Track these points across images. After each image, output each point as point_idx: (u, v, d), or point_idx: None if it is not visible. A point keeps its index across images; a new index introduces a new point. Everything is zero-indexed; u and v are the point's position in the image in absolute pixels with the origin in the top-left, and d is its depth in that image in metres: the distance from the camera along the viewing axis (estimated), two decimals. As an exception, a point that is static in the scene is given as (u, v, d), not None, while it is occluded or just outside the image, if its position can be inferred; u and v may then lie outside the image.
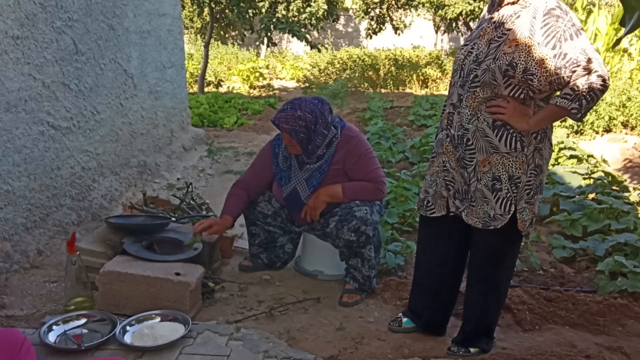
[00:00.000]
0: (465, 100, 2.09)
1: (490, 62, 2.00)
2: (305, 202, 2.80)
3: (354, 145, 2.77)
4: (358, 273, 2.79)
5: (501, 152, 2.07)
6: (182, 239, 2.87)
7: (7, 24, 2.87)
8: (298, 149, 2.73)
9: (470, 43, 2.14)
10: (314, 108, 2.69)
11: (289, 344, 2.37)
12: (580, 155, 5.33)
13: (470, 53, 2.11)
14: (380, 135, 6.21)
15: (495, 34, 2.04)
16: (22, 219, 3.06)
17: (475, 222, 2.16)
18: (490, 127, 2.06)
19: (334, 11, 11.32)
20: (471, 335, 2.35)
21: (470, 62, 2.08)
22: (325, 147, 2.76)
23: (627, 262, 3.00)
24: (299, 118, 2.65)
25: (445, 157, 2.22)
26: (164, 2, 4.95)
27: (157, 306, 2.48)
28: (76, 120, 3.55)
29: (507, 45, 1.98)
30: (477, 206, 2.14)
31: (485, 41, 2.06)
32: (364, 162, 2.77)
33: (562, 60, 1.90)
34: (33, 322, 2.49)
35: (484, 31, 2.09)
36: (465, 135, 2.11)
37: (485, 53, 2.03)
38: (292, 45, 16.72)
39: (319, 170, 2.78)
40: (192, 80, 11.17)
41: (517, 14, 2.01)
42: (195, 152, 5.61)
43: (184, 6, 12.21)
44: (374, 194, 2.77)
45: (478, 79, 2.04)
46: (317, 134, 2.70)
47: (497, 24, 2.06)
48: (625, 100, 6.93)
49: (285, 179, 2.85)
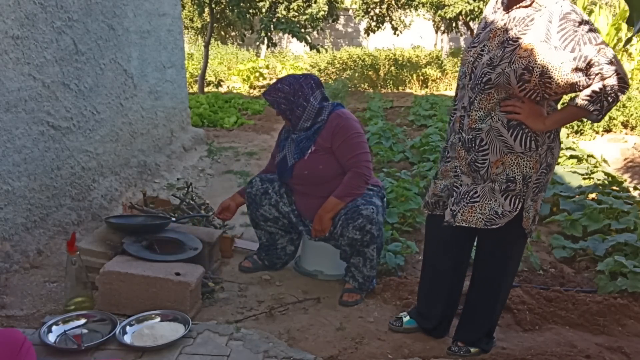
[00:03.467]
0: (478, 102, 2.08)
1: (505, 65, 1.99)
2: (291, 165, 2.87)
3: (342, 126, 2.79)
4: (359, 272, 2.79)
5: (516, 152, 2.06)
6: (182, 239, 2.87)
7: (7, 24, 2.87)
8: (287, 120, 2.89)
9: (479, 45, 2.11)
10: (293, 81, 2.84)
11: (289, 344, 2.37)
12: (580, 155, 5.33)
13: (481, 55, 2.08)
14: (380, 135, 6.21)
15: (508, 37, 2.01)
16: (22, 219, 3.06)
17: (478, 219, 2.12)
18: (505, 127, 2.05)
19: (334, 11, 11.33)
20: (472, 335, 2.35)
21: (484, 65, 2.05)
22: (310, 120, 2.83)
23: (627, 262, 3.00)
24: (278, 90, 2.82)
25: (457, 162, 2.20)
26: (164, 2, 4.95)
27: (157, 306, 2.48)
28: (76, 120, 3.55)
29: (523, 49, 1.96)
30: (482, 202, 2.11)
31: (496, 43, 2.04)
32: (349, 144, 2.78)
33: (583, 63, 1.89)
34: (33, 322, 2.49)
35: (493, 33, 2.06)
36: (479, 136, 2.09)
37: (500, 57, 2.01)
38: (292, 45, 16.72)
39: (305, 140, 2.84)
40: (192, 80, 11.17)
41: (531, 17, 1.99)
42: (195, 152, 5.61)
43: (184, 6, 12.22)
44: (359, 180, 2.76)
45: (492, 82, 2.03)
46: (296, 105, 2.81)
47: (508, 26, 2.03)
48: (625, 100, 6.93)
49: (281, 147, 3.00)
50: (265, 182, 3.01)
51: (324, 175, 2.81)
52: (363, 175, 2.76)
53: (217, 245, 3.12)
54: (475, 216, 2.12)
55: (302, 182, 2.87)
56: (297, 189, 2.94)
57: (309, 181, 2.85)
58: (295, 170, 2.86)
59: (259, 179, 3.03)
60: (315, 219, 2.80)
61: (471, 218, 2.13)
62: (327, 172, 2.81)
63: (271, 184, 2.99)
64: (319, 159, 2.81)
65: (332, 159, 2.81)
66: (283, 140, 3.00)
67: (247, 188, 3.05)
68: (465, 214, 2.14)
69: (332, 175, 2.81)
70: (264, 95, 2.88)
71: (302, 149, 2.85)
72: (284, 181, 2.97)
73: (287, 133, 2.98)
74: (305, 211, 2.92)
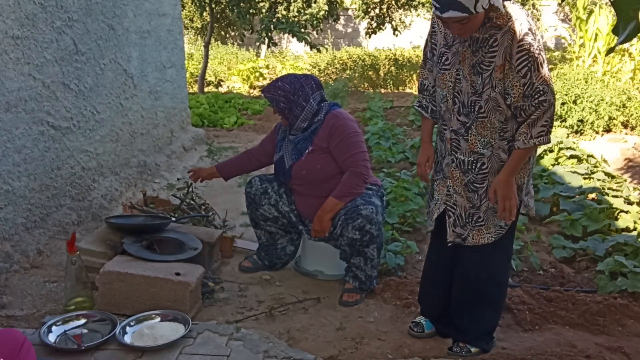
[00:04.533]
0: (476, 128, 2.11)
1: (489, 91, 2.03)
2: (289, 166, 2.87)
3: (338, 126, 2.79)
4: (359, 272, 2.79)
5: None
6: (182, 239, 2.87)
7: (7, 24, 2.87)
8: (284, 119, 2.87)
9: (451, 68, 2.11)
10: (294, 80, 2.85)
11: (289, 344, 2.37)
12: (580, 155, 5.32)
13: (459, 80, 2.09)
14: (380, 135, 6.20)
15: (478, 60, 2.03)
16: (22, 219, 3.06)
17: (488, 238, 2.19)
18: (505, 152, 2.12)
19: (334, 11, 11.32)
20: (471, 335, 2.35)
21: (469, 94, 2.08)
22: (307, 120, 2.82)
23: (627, 262, 3.00)
24: (278, 88, 2.82)
25: (450, 181, 2.23)
26: (164, 2, 4.95)
27: (157, 306, 2.48)
28: (76, 120, 3.55)
29: (498, 72, 2.00)
30: (488, 223, 2.18)
31: (468, 68, 2.05)
32: (346, 144, 2.78)
33: (530, 90, 1.97)
34: (33, 322, 2.49)
35: (462, 56, 2.07)
36: (480, 160, 2.14)
37: (481, 83, 2.04)
38: (292, 45, 16.70)
39: (303, 141, 2.84)
40: (192, 80, 11.16)
41: (493, 37, 1.99)
42: (195, 152, 5.61)
43: (184, 6, 12.20)
44: (357, 180, 2.76)
45: (483, 109, 2.07)
46: (296, 104, 2.80)
47: (473, 48, 2.04)
48: (625, 100, 6.93)
49: (278, 147, 3.00)
50: (265, 181, 3.01)
51: (322, 175, 2.81)
52: (361, 174, 2.76)
53: (217, 245, 3.12)
54: (484, 236, 2.20)
55: (301, 182, 2.87)
56: (296, 189, 2.94)
57: (307, 181, 2.85)
58: (293, 171, 2.86)
59: (258, 179, 3.04)
60: (315, 219, 2.80)
61: (481, 239, 2.21)
62: (325, 172, 2.81)
63: (270, 183, 2.99)
64: (316, 159, 2.81)
65: (329, 159, 2.81)
66: (280, 140, 2.99)
67: (247, 188, 3.05)
68: (476, 236, 2.21)
69: (330, 175, 2.81)
70: (263, 92, 2.89)
71: (299, 150, 2.85)
72: (283, 182, 2.98)
73: (284, 133, 2.98)
74: (305, 211, 2.92)
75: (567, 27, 11.68)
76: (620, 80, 8.40)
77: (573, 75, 7.66)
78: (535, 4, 10.60)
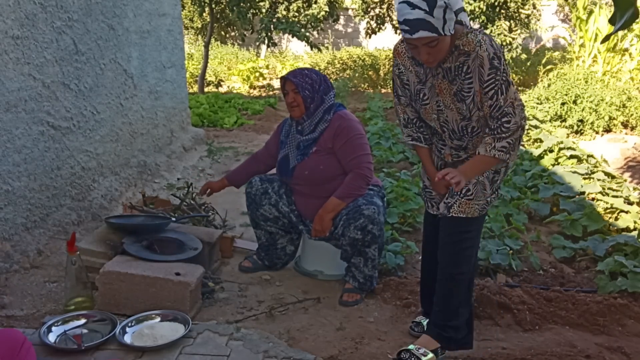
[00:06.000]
0: (473, 145, 2.21)
1: (478, 113, 2.11)
2: (293, 167, 2.87)
3: (344, 127, 2.80)
4: (359, 272, 2.79)
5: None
6: (182, 239, 2.87)
7: (7, 24, 2.87)
8: (302, 108, 2.81)
9: (430, 101, 2.18)
10: (319, 73, 2.90)
11: (289, 344, 2.37)
12: (580, 155, 5.33)
13: (442, 111, 2.16)
14: (380, 135, 6.21)
15: (457, 88, 2.09)
16: (22, 219, 3.06)
17: (474, 210, 2.20)
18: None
19: (335, 11, 11.32)
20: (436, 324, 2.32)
21: (457, 120, 2.15)
22: (320, 115, 2.82)
23: (627, 262, 3.00)
24: (306, 75, 2.83)
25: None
26: (164, 2, 4.95)
27: (157, 306, 2.48)
28: (76, 120, 3.55)
29: (479, 96, 2.07)
30: (476, 196, 2.20)
31: (450, 98, 2.12)
32: (351, 145, 2.79)
33: (497, 112, 2.04)
34: (33, 322, 2.49)
35: (439, 88, 2.13)
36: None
37: (467, 109, 2.11)
38: (292, 45, 16.70)
39: (309, 141, 2.84)
40: (192, 80, 11.17)
41: (465, 64, 2.05)
42: (195, 152, 5.61)
43: (184, 6, 12.21)
44: (360, 181, 2.77)
45: (477, 128, 2.16)
46: (318, 95, 2.82)
47: (450, 77, 2.09)
48: (625, 100, 6.93)
49: (282, 146, 2.99)
50: (265, 182, 3.01)
51: (324, 175, 2.82)
52: (364, 176, 2.76)
53: (217, 245, 3.12)
54: (472, 207, 2.21)
55: (302, 182, 2.87)
56: (296, 189, 2.94)
57: (309, 181, 2.85)
58: (296, 171, 2.86)
59: (258, 179, 3.03)
60: (316, 219, 2.80)
61: (468, 210, 2.20)
62: (327, 172, 2.81)
63: (271, 183, 2.99)
64: (320, 159, 2.81)
65: (333, 160, 2.81)
66: (284, 137, 2.99)
67: (247, 188, 3.05)
68: (463, 206, 2.21)
69: (332, 176, 2.81)
70: (288, 76, 2.82)
71: (305, 150, 2.85)
72: (285, 181, 2.98)
73: (288, 130, 2.97)
74: (305, 211, 2.92)
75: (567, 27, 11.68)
76: (620, 80, 8.39)
77: (573, 75, 7.67)
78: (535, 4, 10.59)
